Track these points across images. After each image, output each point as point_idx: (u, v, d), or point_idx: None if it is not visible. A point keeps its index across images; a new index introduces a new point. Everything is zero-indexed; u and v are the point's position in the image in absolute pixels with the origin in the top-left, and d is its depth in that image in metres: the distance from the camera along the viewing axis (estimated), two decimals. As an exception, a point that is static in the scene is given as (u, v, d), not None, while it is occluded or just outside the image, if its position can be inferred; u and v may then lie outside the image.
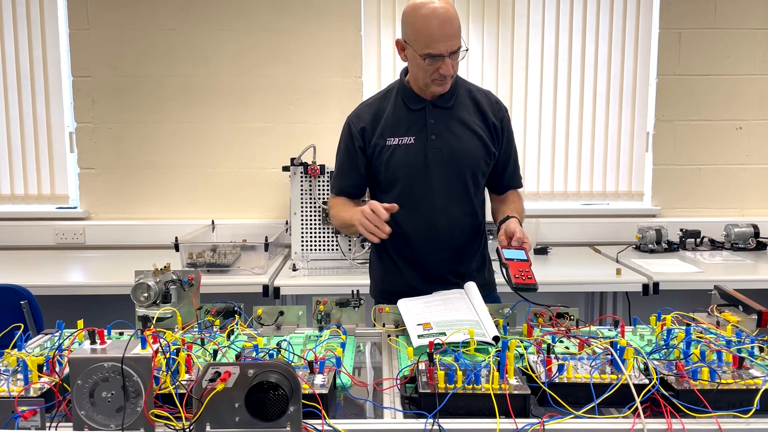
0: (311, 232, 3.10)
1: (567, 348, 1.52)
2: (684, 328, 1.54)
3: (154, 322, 1.66)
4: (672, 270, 2.91)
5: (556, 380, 1.30)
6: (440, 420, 1.20)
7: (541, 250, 3.32)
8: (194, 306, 1.79)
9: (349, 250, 3.09)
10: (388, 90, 2.11)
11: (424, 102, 2.01)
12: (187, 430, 1.16)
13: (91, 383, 1.16)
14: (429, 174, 1.99)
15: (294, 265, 2.94)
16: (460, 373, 1.27)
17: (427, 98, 2.01)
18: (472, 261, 2.08)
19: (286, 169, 3.09)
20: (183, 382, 1.30)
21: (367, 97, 2.18)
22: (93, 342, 1.39)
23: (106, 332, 1.57)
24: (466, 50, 1.92)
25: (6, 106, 3.52)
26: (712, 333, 1.58)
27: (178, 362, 1.34)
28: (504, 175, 2.14)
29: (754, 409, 1.25)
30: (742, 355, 1.37)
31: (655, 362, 1.38)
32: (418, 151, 1.99)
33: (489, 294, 2.14)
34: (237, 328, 1.70)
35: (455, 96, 2.03)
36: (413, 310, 1.78)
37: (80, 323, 1.58)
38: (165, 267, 1.81)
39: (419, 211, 2.01)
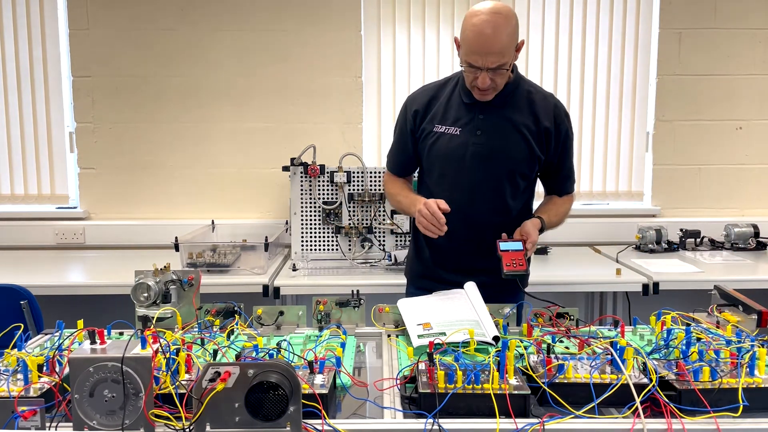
0: (311, 232, 3.10)
1: (567, 348, 1.52)
2: (684, 328, 1.54)
3: (154, 322, 1.66)
4: (672, 270, 2.91)
5: (556, 380, 1.30)
6: (440, 420, 1.20)
7: (541, 250, 3.32)
8: (194, 306, 1.79)
9: (349, 250, 3.09)
10: (449, 79, 2.14)
11: None
12: (187, 430, 1.16)
13: (91, 383, 1.16)
14: (465, 167, 2.02)
15: (294, 265, 2.94)
16: (460, 373, 1.27)
17: None
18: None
19: (286, 169, 3.09)
20: (183, 382, 1.30)
21: (429, 82, 2.22)
22: (93, 342, 1.40)
23: (106, 332, 1.57)
24: (508, 69, 1.91)
25: (6, 106, 3.51)
26: (712, 333, 1.58)
27: (178, 362, 1.34)
28: (556, 180, 2.17)
29: (741, 407, 1.25)
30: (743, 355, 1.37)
31: (655, 362, 1.38)
32: (460, 144, 2.02)
33: (516, 295, 2.11)
34: (237, 328, 1.70)
35: (511, 96, 2.03)
36: (413, 310, 1.78)
37: (80, 323, 1.59)
38: (165, 267, 1.81)
39: (451, 201, 2.00)
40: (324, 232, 3.11)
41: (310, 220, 3.10)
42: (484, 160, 2.01)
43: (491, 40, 1.84)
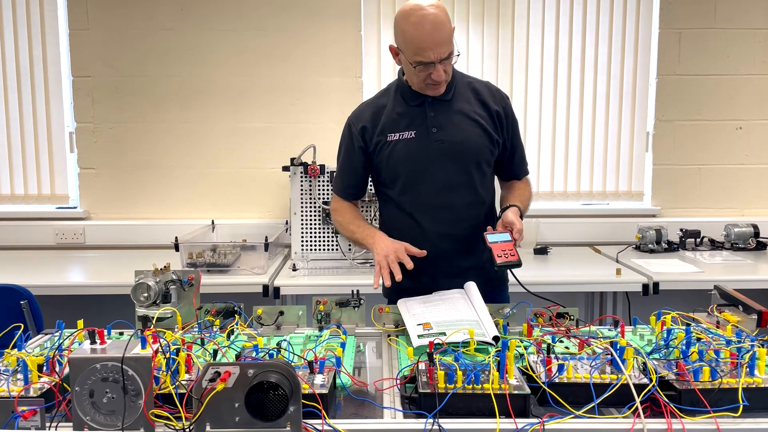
0: (311, 232, 3.10)
1: (567, 348, 1.52)
2: (684, 328, 1.54)
3: (154, 322, 1.66)
4: (672, 270, 2.91)
5: (556, 380, 1.30)
6: (440, 420, 1.20)
7: (541, 250, 3.32)
8: (194, 306, 1.79)
9: (349, 250, 3.09)
10: (387, 89, 2.12)
11: (423, 96, 2.00)
12: (187, 430, 1.16)
13: (91, 383, 1.16)
14: (431, 167, 1.99)
15: (294, 265, 2.94)
16: (460, 373, 1.27)
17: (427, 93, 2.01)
18: (482, 252, 2.00)
19: (286, 169, 3.09)
20: (183, 382, 1.30)
21: (367, 98, 2.18)
22: (93, 342, 1.40)
23: (106, 332, 1.57)
24: (458, 55, 1.92)
25: (6, 106, 3.51)
26: (712, 333, 1.58)
27: (178, 362, 1.34)
28: (512, 163, 2.14)
29: (741, 407, 1.25)
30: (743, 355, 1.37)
31: (655, 362, 1.38)
32: (420, 145, 1.99)
33: (501, 290, 2.13)
34: (237, 328, 1.70)
35: (454, 88, 2.03)
36: (413, 310, 1.78)
37: (80, 323, 1.59)
38: (165, 267, 1.81)
39: (424, 204, 2.00)
40: (324, 232, 3.10)
41: (310, 220, 3.10)
42: (450, 155, 1.99)
43: (438, 31, 1.83)
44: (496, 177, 2.18)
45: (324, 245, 3.10)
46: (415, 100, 2.01)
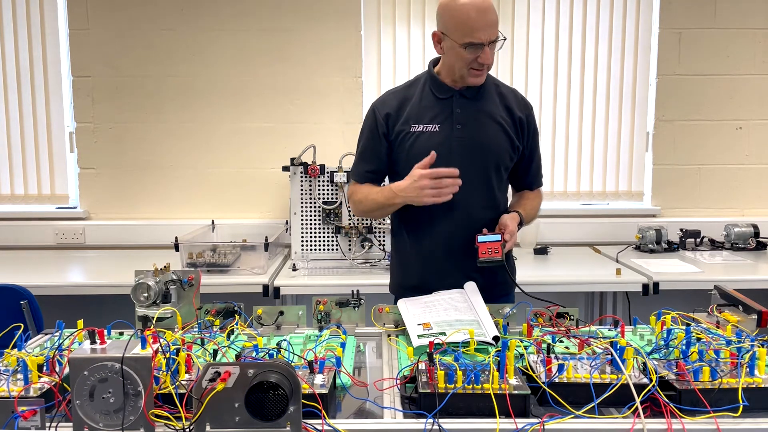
0: (311, 232, 3.10)
1: (567, 348, 1.52)
2: (684, 328, 1.54)
3: (154, 322, 1.66)
4: (672, 270, 2.91)
5: (556, 380, 1.30)
6: (440, 420, 1.20)
7: (541, 250, 3.32)
8: (194, 306, 1.79)
9: (349, 250, 3.09)
10: (416, 79, 2.11)
11: (452, 91, 2.00)
12: (187, 430, 1.16)
13: (91, 383, 1.16)
14: (451, 163, 1.95)
15: (294, 265, 2.95)
16: (460, 373, 1.27)
17: (456, 89, 2.01)
18: None
19: (286, 169, 3.09)
20: (183, 382, 1.30)
21: (394, 86, 2.18)
22: (93, 342, 1.40)
23: (106, 332, 1.57)
24: (504, 39, 1.92)
25: (6, 106, 3.51)
26: (712, 333, 1.58)
27: (178, 362, 1.34)
28: (528, 172, 2.15)
29: (741, 407, 1.25)
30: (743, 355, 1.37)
31: (655, 362, 1.38)
32: (443, 140, 1.98)
33: (508, 294, 2.12)
34: (237, 328, 1.70)
35: (483, 88, 2.02)
36: (413, 310, 1.78)
37: (80, 323, 1.59)
38: (165, 267, 1.81)
39: (445, 201, 1.97)
40: (324, 232, 3.11)
41: (310, 220, 3.10)
42: (471, 153, 1.99)
43: (488, 12, 1.85)
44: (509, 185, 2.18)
45: (324, 245, 3.10)
46: (444, 94, 2.01)
